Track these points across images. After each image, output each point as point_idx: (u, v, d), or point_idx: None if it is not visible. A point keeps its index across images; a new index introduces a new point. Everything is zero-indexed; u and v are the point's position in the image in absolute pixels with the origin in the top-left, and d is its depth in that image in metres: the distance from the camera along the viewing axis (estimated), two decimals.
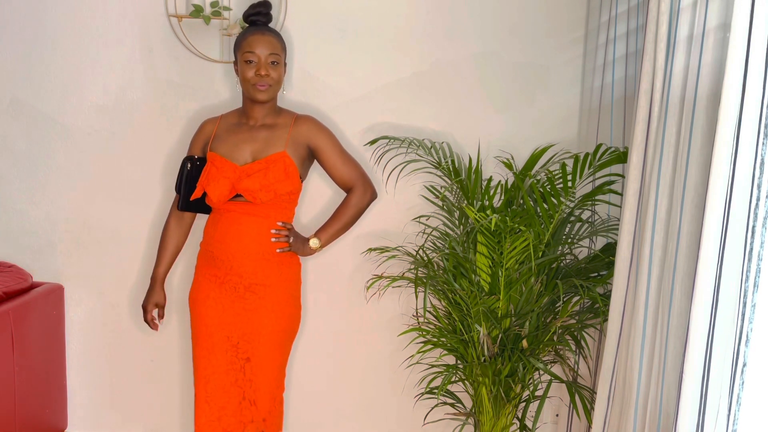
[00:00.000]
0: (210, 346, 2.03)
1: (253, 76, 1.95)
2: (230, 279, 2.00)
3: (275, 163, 1.96)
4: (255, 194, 1.94)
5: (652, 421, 1.50)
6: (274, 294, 2.01)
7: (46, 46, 2.44)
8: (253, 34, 1.97)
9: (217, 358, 2.03)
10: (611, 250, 2.00)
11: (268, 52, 1.95)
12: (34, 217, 2.53)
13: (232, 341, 2.02)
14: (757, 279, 1.19)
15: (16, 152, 2.51)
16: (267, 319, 2.00)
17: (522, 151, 2.40)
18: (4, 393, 2.18)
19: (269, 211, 1.99)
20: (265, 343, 2.01)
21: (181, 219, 2.16)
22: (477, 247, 2.02)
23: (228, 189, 1.96)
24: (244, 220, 1.98)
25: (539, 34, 2.39)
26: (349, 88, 2.42)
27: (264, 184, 1.94)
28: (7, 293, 2.25)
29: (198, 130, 2.14)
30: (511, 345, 2.01)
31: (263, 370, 2.02)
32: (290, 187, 1.98)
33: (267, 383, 2.04)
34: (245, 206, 1.98)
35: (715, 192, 1.25)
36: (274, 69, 1.97)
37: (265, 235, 2.00)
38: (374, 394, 2.59)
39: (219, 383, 2.04)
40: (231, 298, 2.01)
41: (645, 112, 1.60)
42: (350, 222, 2.09)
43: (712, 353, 1.26)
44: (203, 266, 2.07)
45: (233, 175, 1.96)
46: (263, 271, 2.00)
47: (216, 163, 2.00)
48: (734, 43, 1.20)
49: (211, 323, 2.03)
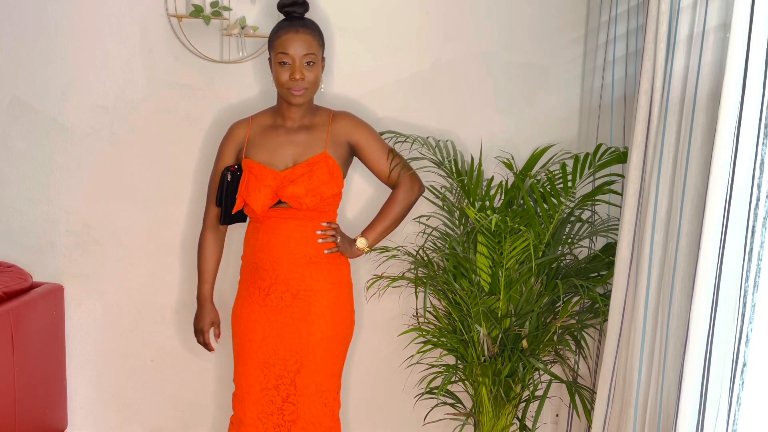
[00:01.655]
0: (258, 362, 1.91)
1: (288, 80, 1.83)
2: (276, 288, 1.89)
3: (318, 165, 1.86)
4: (301, 200, 1.84)
5: (652, 421, 1.50)
6: (323, 299, 1.90)
7: (46, 46, 2.44)
8: (287, 31, 1.82)
9: (265, 372, 1.91)
10: (611, 250, 2.00)
11: (303, 52, 1.81)
12: (34, 217, 2.53)
13: (280, 353, 1.90)
14: (757, 279, 1.19)
15: (16, 152, 2.51)
16: (317, 326, 1.88)
17: (522, 151, 2.40)
18: (4, 393, 2.18)
19: (313, 213, 1.90)
20: (315, 352, 1.89)
21: (217, 232, 2.04)
22: (477, 247, 2.02)
23: (270, 197, 1.86)
24: (287, 225, 1.88)
25: (539, 34, 2.39)
26: (349, 88, 2.42)
27: (309, 188, 1.84)
28: (7, 293, 2.25)
29: (228, 135, 1.99)
30: (511, 345, 2.01)
31: (318, 383, 1.90)
32: (336, 189, 1.89)
33: (320, 397, 1.91)
34: (288, 212, 1.88)
35: (715, 192, 1.25)
36: (310, 70, 1.84)
37: (311, 238, 1.89)
38: (374, 394, 2.59)
39: (271, 399, 1.92)
40: (277, 308, 1.89)
41: (645, 112, 1.60)
42: (398, 219, 1.99)
43: (712, 353, 1.26)
44: (247, 280, 1.95)
45: (274, 182, 1.86)
46: (311, 275, 1.89)
47: (254, 171, 1.88)
48: (734, 43, 1.20)
49: (256, 336, 1.91)
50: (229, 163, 1.97)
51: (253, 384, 1.91)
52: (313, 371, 1.89)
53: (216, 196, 1.97)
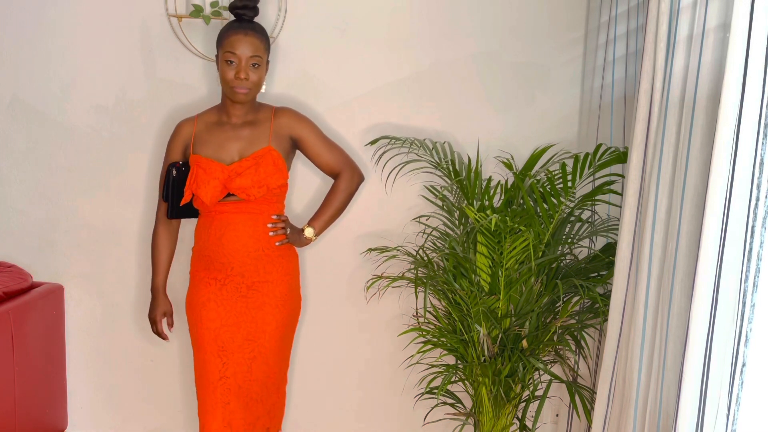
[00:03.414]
0: (216, 349, 2.00)
1: (233, 78, 1.92)
2: (232, 280, 1.99)
3: (263, 158, 1.96)
4: (249, 191, 1.94)
5: (652, 421, 1.50)
6: (277, 289, 2.02)
7: (46, 46, 2.44)
8: (236, 32, 1.92)
9: (223, 361, 2.00)
10: (611, 250, 2.00)
11: (249, 53, 1.91)
12: (34, 217, 2.53)
13: (237, 342, 2.00)
14: (757, 279, 1.19)
15: (16, 152, 2.51)
16: (271, 315, 2.01)
17: (522, 151, 2.40)
18: (4, 393, 2.18)
19: (261, 206, 1.99)
20: (270, 339, 2.01)
21: (169, 226, 2.14)
22: (477, 247, 2.02)
23: (219, 189, 1.95)
24: (237, 219, 1.97)
25: (539, 34, 2.39)
26: (349, 88, 2.42)
27: (256, 180, 1.94)
28: (7, 293, 2.25)
29: (175, 133, 2.08)
30: (511, 345, 2.01)
31: (270, 366, 2.03)
32: (281, 180, 1.98)
33: (273, 379, 2.06)
34: (237, 205, 1.98)
35: (715, 192, 1.25)
36: (255, 71, 1.94)
37: (262, 232, 1.99)
38: (374, 394, 2.59)
39: (228, 387, 2.00)
40: (233, 298, 2.00)
41: (645, 112, 1.60)
42: (341, 207, 2.09)
43: (712, 353, 1.26)
44: (200, 270, 2.04)
45: (222, 175, 1.95)
46: (264, 267, 2.00)
47: (203, 165, 1.97)
48: (734, 43, 1.20)
49: (214, 326, 2.00)
50: (176, 159, 2.07)
51: (212, 371, 2.00)
52: (268, 357, 2.02)
53: (162, 191, 2.08)
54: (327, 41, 2.40)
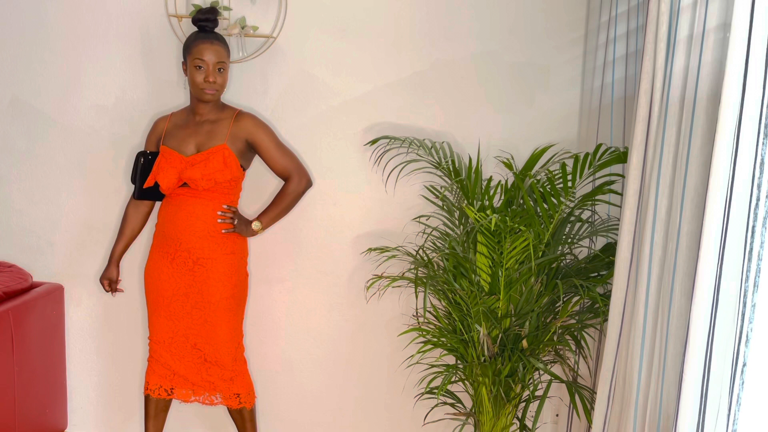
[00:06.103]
0: (168, 314, 2.26)
1: (202, 81, 2.15)
2: (180, 254, 2.23)
3: (215, 154, 2.18)
4: (197, 182, 2.16)
5: (652, 421, 1.50)
6: (219, 266, 2.23)
7: (46, 46, 2.44)
8: (203, 42, 2.15)
9: (174, 323, 2.26)
10: (611, 250, 2.00)
11: (216, 60, 2.15)
12: (34, 217, 2.53)
13: (186, 309, 2.25)
14: (757, 279, 1.19)
15: (16, 152, 2.51)
16: (215, 288, 2.23)
17: (522, 151, 2.40)
18: (4, 393, 2.18)
19: (213, 195, 2.22)
20: (216, 309, 2.23)
21: (138, 206, 2.37)
22: (477, 247, 2.02)
23: (176, 177, 2.19)
24: (190, 202, 2.21)
25: (539, 34, 2.39)
26: (349, 88, 2.42)
27: (204, 173, 2.16)
28: (7, 293, 2.25)
29: (152, 128, 2.34)
30: (511, 345, 2.01)
31: (219, 333, 2.25)
32: (229, 176, 2.19)
33: (224, 345, 2.26)
34: (193, 191, 2.21)
35: (715, 192, 1.24)
36: (221, 75, 2.18)
37: (210, 216, 2.22)
38: (374, 394, 2.59)
39: (180, 344, 2.27)
40: (182, 271, 2.23)
41: (645, 112, 1.60)
42: (288, 207, 2.31)
43: (712, 353, 1.26)
44: (157, 245, 2.29)
45: (180, 165, 2.19)
46: (209, 246, 2.22)
47: (166, 155, 2.22)
48: (734, 43, 1.20)
49: (167, 293, 2.25)
50: (150, 150, 2.33)
51: (165, 331, 2.28)
52: (215, 324, 2.25)
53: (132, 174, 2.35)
54: (327, 41, 2.40)
